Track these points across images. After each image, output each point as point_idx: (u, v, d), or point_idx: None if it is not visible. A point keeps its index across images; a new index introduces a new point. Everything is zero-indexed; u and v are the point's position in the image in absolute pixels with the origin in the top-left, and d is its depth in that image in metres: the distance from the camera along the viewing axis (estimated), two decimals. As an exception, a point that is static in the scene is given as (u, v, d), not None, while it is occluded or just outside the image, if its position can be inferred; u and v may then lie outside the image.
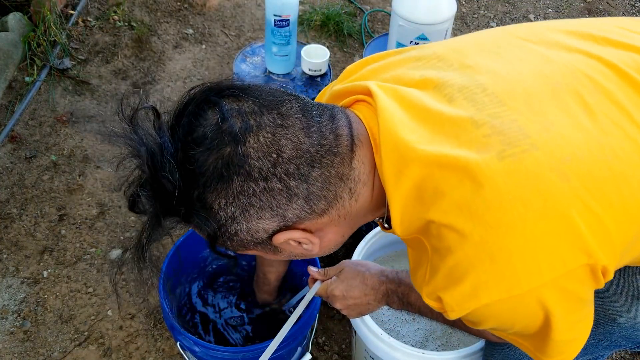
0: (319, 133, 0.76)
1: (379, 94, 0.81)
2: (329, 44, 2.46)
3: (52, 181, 1.97)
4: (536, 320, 0.76)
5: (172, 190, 0.71)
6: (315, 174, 0.75)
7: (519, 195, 0.71)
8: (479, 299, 0.73)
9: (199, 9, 2.57)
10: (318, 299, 1.34)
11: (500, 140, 0.73)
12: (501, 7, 2.72)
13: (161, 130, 0.73)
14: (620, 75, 0.81)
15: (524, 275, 0.71)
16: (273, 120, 0.73)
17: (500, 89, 0.79)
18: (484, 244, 0.71)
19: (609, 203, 0.73)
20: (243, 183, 0.72)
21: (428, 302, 0.80)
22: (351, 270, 1.10)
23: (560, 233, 0.71)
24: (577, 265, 0.72)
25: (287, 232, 0.78)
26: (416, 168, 0.75)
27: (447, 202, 0.73)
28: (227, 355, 1.25)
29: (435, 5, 1.70)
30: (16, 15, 2.24)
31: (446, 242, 0.74)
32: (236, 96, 0.75)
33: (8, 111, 2.13)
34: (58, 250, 1.81)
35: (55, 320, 1.68)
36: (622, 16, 2.71)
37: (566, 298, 0.74)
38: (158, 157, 0.71)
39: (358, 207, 0.81)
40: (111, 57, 2.34)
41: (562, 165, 0.72)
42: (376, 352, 1.27)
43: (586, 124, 0.76)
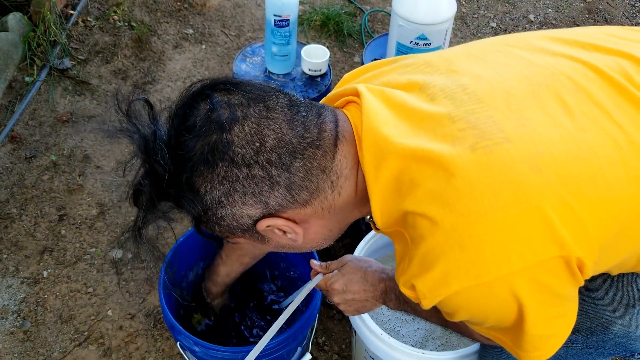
0: (303, 126, 0.80)
1: (366, 94, 0.85)
2: (329, 44, 2.46)
3: (52, 181, 1.97)
4: (509, 312, 0.77)
5: (163, 173, 0.77)
6: (297, 164, 0.79)
7: (490, 185, 0.73)
8: (449, 286, 0.75)
9: (199, 9, 2.57)
10: (318, 299, 1.34)
11: (475, 134, 0.76)
12: (501, 7, 2.72)
13: (154, 119, 0.80)
14: (603, 77, 0.83)
15: (493, 262, 0.73)
16: (259, 112, 0.79)
17: (480, 89, 0.82)
18: (454, 232, 0.73)
19: (585, 197, 0.74)
20: (227, 169, 0.77)
21: (404, 290, 0.82)
22: (353, 265, 1.12)
23: (531, 223, 0.72)
24: (549, 256, 0.73)
25: (270, 219, 0.81)
26: (394, 161, 0.78)
27: (421, 192, 0.76)
28: (227, 355, 1.25)
29: (435, 5, 1.70)
30: (16, 15, 2.24)
31: (420, 230, 0.76)
32: (228, 90, 0.81)
33: (8, 111, 2.13)
34: (58, 250, 1.81)
35: (55, 320, 1.68)
36: (621, 16, 2.71)
37: (539, 290, 0.75)
38: (151, 143, 0.77)
39: (342, 202, 0.84)
40: (111, 57, 2.35)
41: (535, 158, 0.74)
42: (376, 352, 1.27)
43: (563, 122, 0.78)
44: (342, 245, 1.81)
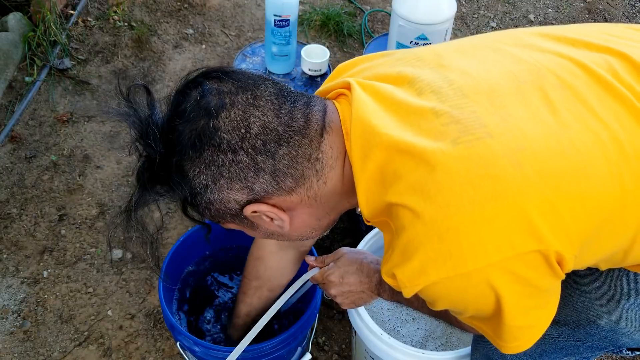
0: (290, 115, 0.82)
1: (356, 87, 0.87)
2: (329, 44, 2.46)
3: (52, 181, 1.97)
4: (487, 302, 0.79)
5: (155, 156, 0.80)
6: (282, 151, 0.81)
7: (469, 179, 0.74)
8: (428, 276, 0.76)
9: (199, 9, 2.57)
10: (318, 299, 1.34)
11: (457, 129, 0.77)
12: (501, 7, 2.72)
13: (151, 105, 0.83)
14: (590, 74, 0.84)
15: (470, 254, 0.74)
16: (246, 99, 0.81)
17: (465, 84, 0.83)
18: (433, 223, 0.74)
19: (565, 192, 0.75)
20: (213, 154, 0.80)
21: (386, 279, 0.84)
22: (349, 257, 1.14)
23: (508, 216, 0.73)
24: (527, 249, 0.74)
25: (255, 205, 0.83)
26: (379, 152, 0.80)
27: (403, 184, 0.77)
28: (227, 355, 1.25)
29: (435, 5, 1.70)
30: (16, 15, 2.24)
31: (401, 220, 0.78)
32: (219, 78, 0.83)
33: (8, 111, 2.13)
34: (58, 250, 1.81)
35: (55, 320, 1.68)
36: (621, 16, 2.71)
37: (516, 282, 0.76)
38: (145, 126, 0.81)
39: (327, 191, 0.86)
40: (111, 57, 2.35)
41: (516, 153, 0.75)
42: (376, 352, 1.27)
43: (546, 118, 0.79)
44: (342, 246, 1.81)
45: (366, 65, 0.97)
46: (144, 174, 0.83)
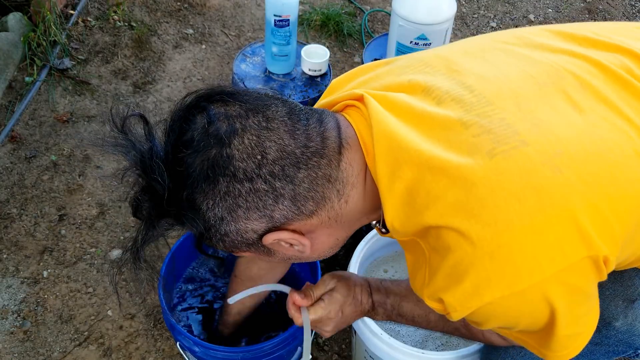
0: (305, 135, 0.77)
1: (370, 99, 0.82)
2: (329, 44, 2.46)
3: (52, 181, 1.97)
4: (541, 316, 0.76)
5: (162, 191, 0.74)
6: (301, 175, 0.76)
7: (513, 191, 0.71)
8: (482, 297, 0.73)
9: (199, 9, 2.57)
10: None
11: (490, 139, 0.74)
12: (501, 7, 2.72)
13: (150, 135, 0.77)
14: (606, 72, 0.82)
15: (525, 270, 0.71)
16: (258, 123, 0.75)
17: (488, 90, 0.80)
18: (483, 242, 0.71)
19: (606, 193, 0.73)
20: (229, 184, 0.74)
21: (430, 304, 0.80)
22: (343, 285, 1.04)
23: (558, 226, 0.71)
24: (579, 258, 0.72)
25: (275, 233, 0.79)
26: (408, 170, 0.76)
27: (442, 205, 0.73)
28: (227, 355, 1.25)
29: (436, 5, 1.70)
30: (16, 15, 2.24)
31: (445, 241, 0.74)
32: (224, 101, 0.77)
33: (8, 111, 2.13)
34: (58, 250, 1.81)
35: (55, 320, 1.68)
36: (622, 16, 2.71)
37: (570, 292, 0.74)
38: (147, 160, 0.74)
39: (349, 210, 0.82)
40: (111, 57, 2.35)
41: (554, 159, 0.72)
42: (376, 352, 1.27)
43: (575, 120, 0.77)
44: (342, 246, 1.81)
45: (367, 76, 0.92)
46: (150, 210, 0.77)
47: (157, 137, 0.77)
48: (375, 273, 1.60)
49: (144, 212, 0.78)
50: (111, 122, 0.77)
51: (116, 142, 0.76)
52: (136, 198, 0.78)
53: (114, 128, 0.77)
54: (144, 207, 0.77)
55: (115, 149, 0.76)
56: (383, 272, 1.61)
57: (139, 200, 0.77)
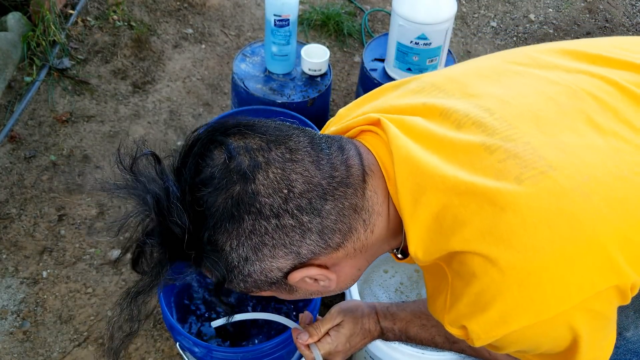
0: (330, 165, 0.74)
1: (389, 124, 0.79)
2: (329, 44, 2.46)
3: (52, 181, 1.97)
4: (563, 342, 0.75)
5: (182, 234, 0.69)
6: (328, 207, 0.73)
7: (543, 217, 0.69)
8: (508, 326, 0.71)
9: (198, 9, 2.57)
10: (318, 300, 1.33)
11: (516, 164, 0.72)
12: (501, 7, 2.72)
13: (164, 175, 0.71)
14: (624, 92, 0.81)
15: (553, 299, 0.69)
16: (282, 155, 0.72)
17: (508, 113, 0.77)
18: (511, 269, 0.69)
19: (634, 219, 0.71)
20: (254, 222, 0.70)
21: (451, 330, 0.78)
22: (350, 320, 1.03)
23: (589, 255, 0.69)
24: (607, 286, 0.70)
25: (303, 270, 0.75)
26: (433, 196, 0.73)
27: (469, 230, 0.71)
28: (227, 355, 1.25)
29: (436, 5, 1.70)
30: (15, 15, 2.24)
31: (470, 267, 0.72)
32: (242, 133, 0.73)
33: (7, 111, 2.13)
34: (57, 251, 1.81)
35: (54, 320, 1.67)
36: (622, 16, 2.71)
37: (594, 318, 0.73)
38: (164, 202, 0.69)
39: (374, 239, 0.79)
40: (110, 56, 2.34)
41: (581, 185, 0.70)
42: (376, 352, 1.27)
43: (598, 143, 0.75)
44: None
45: (378, 102, 0.89)
46: (161, 255, 0.71)
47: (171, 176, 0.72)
48: (375, 273, 1.60)
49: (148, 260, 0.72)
50: (119, 163, 0.72)
51: (126, 185, 0.71)
52: (140, 244, 0.72)
53: (123, 170, 0.72)
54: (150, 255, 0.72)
55: (125, 192, 0.71)
56: (383, 272, 1.61)
57: (144, 245, 0.72)
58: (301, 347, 1.02)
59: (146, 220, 0.71)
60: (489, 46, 2.54)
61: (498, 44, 2.55)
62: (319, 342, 1.01)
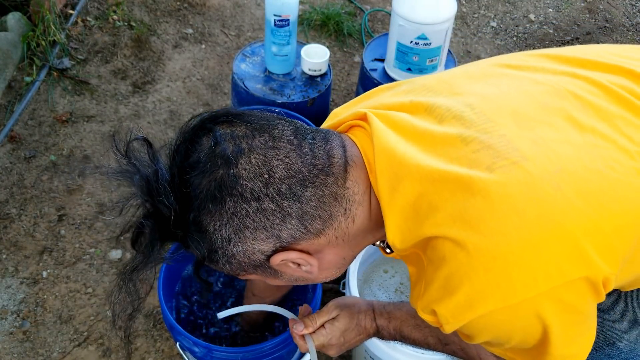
0: (312, 154, 0.77)
1: (373, 118, 0.83)
2: (329, 44, 2.46)
3: (52, 181, 1.97)
4: (534, 333, 0.75)
5: (169, 214, 0.74)
6: (308, 193, 0.76)
7: (512, 204, 0.71)
8: (474, 310, 0.73)
9: (198, 9, 2.57)
10: (318, 300, 1.33)
11: (490, 154, 0.74)
12: (501, 7, 2.72)
13: (155, 158, 0.76)
14: (608, 92, 0.82)
15: (520, 284, 0.70)
16: (264, 142, 0.76)
17: (488, 108, 0.80)
18: (478, 253, 0.71)
19: (607, 210, 0.72)
20: (236, 204, 0.74)
21: (423, 316, 0.80)
22: (345, 314, 1.06)
23: (556, 242, 0.70)
24: (576, 276, 0.71)
25: (283, 253, 0.78)
26: (409, 184, 0.76)
27: (441, 215, 0.73)
28: (227, 355, 1.25)
29: (436, 5, 1.70)
30: (15, 15, 2.24)
31: (440, 252, 0.74)
32: (230, 122, 0.77)
33: (7, 111, 2.13)
34: (57, 251, 1.81)
35: (54, 320, 1.67)
36: (622, 16, 2.71)
37: (564, 310, 0.73)
38: (153, 183, 0.74)
39: (356, 228, 0.81)
40: (110, 56, 2.34)
41: (553, 176, 0.72)
42: (376, 352, 1.27)
43: (575, 138, 0.77)
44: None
45: (370, 101, 0.92)
46: (153, 234, 0.76)
47: (162, 160, 0.77)
48: (375, 273, 1.60)
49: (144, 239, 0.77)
50: (114, 147, 0.76)
51: (120, 168, 0.76)
52: (139, 224, 0.76)
53: (118, 153, 0.76)
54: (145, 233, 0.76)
55: (120, 175, 0.76)
56: (383, 272, 1.61)
57: (143, 227, 0.76)
58: (296, 337, 1.05)
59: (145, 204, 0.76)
60: (489, 46, 2.54)
61: (498, 44, 2.55)
62: (313, 333, 1.04)
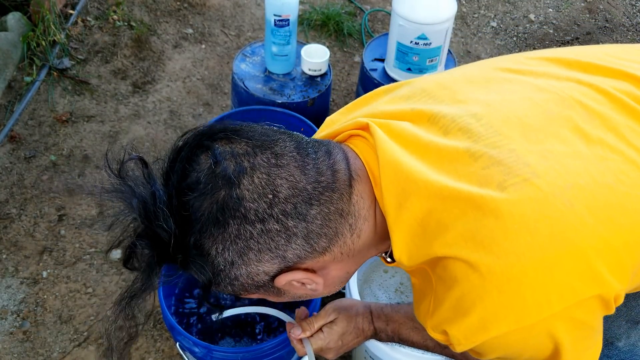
0: (316, 170, 0.74)
1: (376, 128, 0.80)
2: (329, 44, 2.46)
3: (52, 181, 1.97)
4: (545, 350, 0.75)
5: (168, 238, 0.70)
6: (313, 211, 0.73)
7: (524, 223, 0.69)
8: (488, 332, 0.71)
9: (198, 9, 2.57)
10: (318, 300, 1.33)
11: (500, 171, 0.72)
12: (501, 7, 2.72)
13: (151, 179, 0.72)
14: (613, 101, 0.81)
15: (534, 305, 0.69)
16: (267, 160, 0.72)
17: (495, 119, 0.78)
18: (492, 275, 0.69)
19: (617, 226, 0.71)
20: (239, 227, 0.71)
21: (433, 335, 0.78)
22: (344, 318, 1.05)
23: (569, 262, 0.69)
24: (589, 295, 0.70)
25: (289, 274, 0.76)
26: (417, 201, 0.74)
27: (451, 235, 0.71)
28: (227, 355, 1.25)
29: (436, 5, 1.70)
30: (15, 15, 2.24)
31: (452, 272, 0.72)
32: (229, 138, 0.74)
33: (7, 111, 2.13)
34: (57, 251, 1.81)
35: (54, 320, 1.67)
36: (622, 16, 2.71)
37: (576, 327, 0.73)
38: (150, 206, 0.70)
39: (361, 244, 0.79)
40: (110, 56, 2.34)
41: (565, 192, 0.71)
42: (376, 352, 1.27)
43: (584, 151, 0.75)
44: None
45: (368, 108, 0.89)
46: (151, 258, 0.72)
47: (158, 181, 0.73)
48: (375, 273, 1.60)
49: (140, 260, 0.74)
50: (107, 167, 0.73)
51: (114, 189, 0.72)
52: (131, 245, 0.73)
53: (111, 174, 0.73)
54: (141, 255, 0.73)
55: (114, 196, 0.72)
56: (383, 272, 1.61)
57: (136, 247, 0.73)
58: (294, 341, 1.03)
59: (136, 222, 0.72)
60: (489, 46, 2.54)
61: (498, 44, 2.55)
62: (311, 337, 1.02)
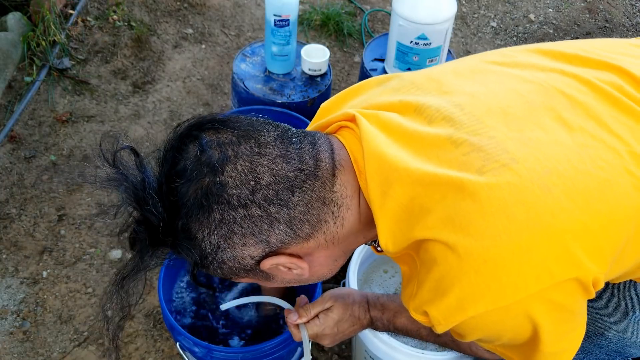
0: (298, 159, 0.77)
1: (362, 119, 0.82)
2: (329, 44, 2.46)
3: (52, 181, 1.97)
4: (524, 332, 0.76)
5: (157, 222, 0.75)
6: (295, 198, 0.76)
7: (502, 207, 0.71)
8: (465, 312, 0.74)
9: (198, 9, 2.57)
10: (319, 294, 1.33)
11: (480, 157, 0.75)
12: (501, 7, 2.72)
13: (142, 167, 0.77)
14: (596, 90, 0.82)
15: (510, 286, 0.71)
16: (250, 149, 0.76)
17: (477, 108, 0.80)
18: (469, 256, 0.71)
19: (595, 211, 0.73)
20: (223, 211, 0.75)
21: (415, 316, 0.80)
22: (339, 305, 1.07)
23: (546, 245, 0.71)
24: (565, 277, 0.72)
25: (273, 258, 0.79)
26: (400, 188, 0.76)
27: (432, 218, 0.74)
28: (227, 355, 1.25)
29: (436, 5, 1.70)
30: (15, 15, 2.24)
31: (432, 254, 0.74)
32: (216, 128, 0.77)
33: (7, 111, 2.13)
34: (57, 251, 1.81)
35: (54, 320, 1.67)
36: (622, 16, 2.71)
37: (554, 309, 0.74)
38: (140, 192, 0.75)
39: (345, 231, 0.82)
40: (111, 56, 2.34)
41: (542, 177, 0.73)
42: (376, 352, 1.27)
43: (564, 139, 0.77)
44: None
45: (359, 99, 0.92)
46: (145, 240, 0.77)
47: (151, 168, 0.78)
48: (375, 273, 1.60)
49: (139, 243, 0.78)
50: (102, 156, 0.78)
51: (108, 177, 0.77)
52: (134, 230, 0.78)
53: (105, 163, 0.77)
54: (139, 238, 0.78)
55: (108, 184, 0.77)
56: (383, 272, 1.61)
57: (137, 233, 0.78)
58: (290, 326, 1.06)
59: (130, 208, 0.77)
60: (489, 46, 2.54)
61: (498, 44, 2.55)
62: (307, 323, 1.05)
